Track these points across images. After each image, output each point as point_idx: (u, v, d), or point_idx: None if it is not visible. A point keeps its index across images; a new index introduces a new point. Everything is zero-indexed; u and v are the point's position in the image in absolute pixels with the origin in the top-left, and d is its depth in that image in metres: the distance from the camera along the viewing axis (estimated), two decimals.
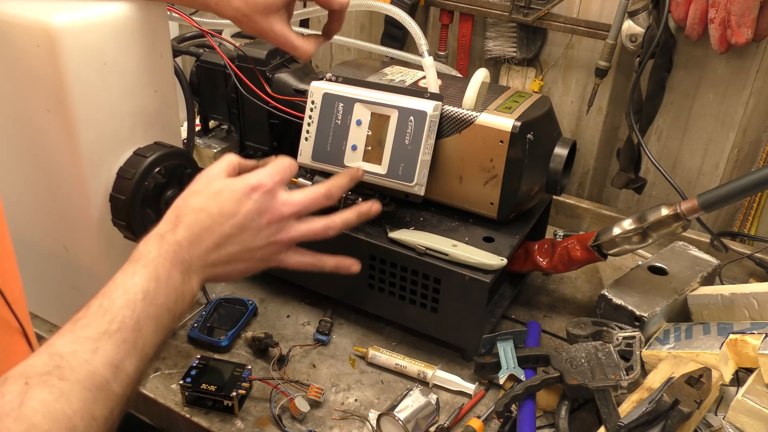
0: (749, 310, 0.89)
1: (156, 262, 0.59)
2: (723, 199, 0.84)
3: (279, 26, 0.81)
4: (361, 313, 1.03)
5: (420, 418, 0.83)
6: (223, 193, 0.65)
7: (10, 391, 0.46)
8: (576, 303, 1.09)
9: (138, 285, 0.56)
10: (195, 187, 0.67)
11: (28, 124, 0.81)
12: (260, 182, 0.66)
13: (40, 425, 0.45)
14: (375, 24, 1.40)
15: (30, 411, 0.45)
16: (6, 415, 0.44)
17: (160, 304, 0.57)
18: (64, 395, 0.47)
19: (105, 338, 0.52)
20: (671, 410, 0.71)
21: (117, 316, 0.54)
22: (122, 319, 0.54)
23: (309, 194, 0.70)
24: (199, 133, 1.20)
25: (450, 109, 0.91)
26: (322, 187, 0.72)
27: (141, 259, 0.59)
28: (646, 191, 1.24)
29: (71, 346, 0.51)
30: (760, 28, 1.00)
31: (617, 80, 1.23)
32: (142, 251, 0.60)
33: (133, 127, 0.85)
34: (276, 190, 0.67)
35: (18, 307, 0.62)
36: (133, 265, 0.58)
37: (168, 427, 0.92)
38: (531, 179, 0.93)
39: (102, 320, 0.53)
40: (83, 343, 0.51)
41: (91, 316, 0.53)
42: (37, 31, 0.72)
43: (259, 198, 0.66)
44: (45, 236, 0.90)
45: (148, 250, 0.60)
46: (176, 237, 0.62)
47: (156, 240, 0.61)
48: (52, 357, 0.49)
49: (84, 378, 0.49)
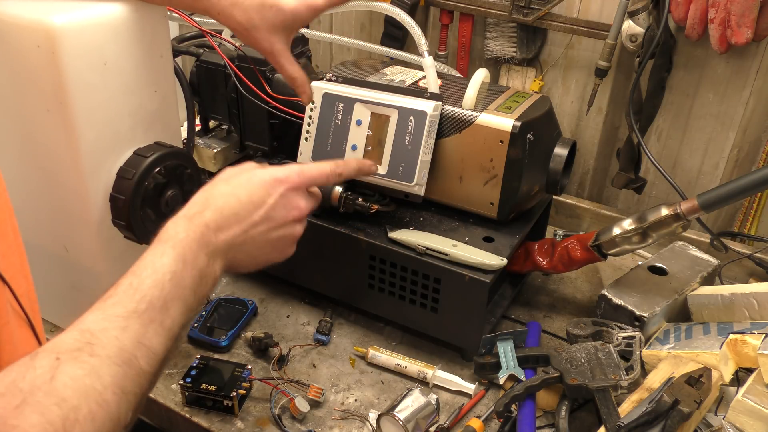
0: (749, 310, 0.89)
1: (183, 243, 0.60)
2: (723, 199, 0.84)
3: (279, 45, 0.83)
4: (361, 313, 1.03)
5: (420, 418, 0.83)
6: (252, 182, 0.67)
7: (42, 366, 0.46)
8: (576, 303, 1.09)
9: (166, 266, 0.57)
10: (224, 175, 0.68)
11: (28, 124, 0.81)
12: (288, 177, 0.68)
13: (70, 399, 0.45)
14: (375, 24, 1.40)
15: (60, 385, 0.46)
16: (37, 389, 0.45)
17: (186, 285, 0.58)
18: (95, 370, 0.48)
19: (134, 317, 0.53)
20: (671, 410, 0.71)
21: (146, 296, 0.55)
22: (150, 299, 0.55)
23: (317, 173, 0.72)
24: (199, 133, 1.20)
25: (450, 109, 0.91)
26: (328, 166, 0.74)
27: (169, 240, 0.59)
28: (646, 191, 1.24)
29: (102, 324, 0.52)
30: (760, 28, 1.00)
31: (617, 80, 1.23)
32: (171, 232, 0.60)
33: (133, 127, 0.85)
34: (301, 187, 0.69)
35: (26, 300, 0.62)
36: (162, 246, 0.59)
37: (168, 427, 0.92)
38: (531, 179, 0.93)
39: (131, 299, 0.54)
40: (113, 321, 0.52)
41: (121, 294, 0.54)
42: (38, 32, 0.72)
43: (286, 192, 0.68)
44: (45, 236, 0.90)
45: (176, 231, 0.60)
46: (204, 219, 0.63)
47: (184, 221, 0.62)
48: (83, 333, 0.50)
49: (114, 354, 0.50)
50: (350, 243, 0.94)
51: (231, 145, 1.18)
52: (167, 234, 0.60)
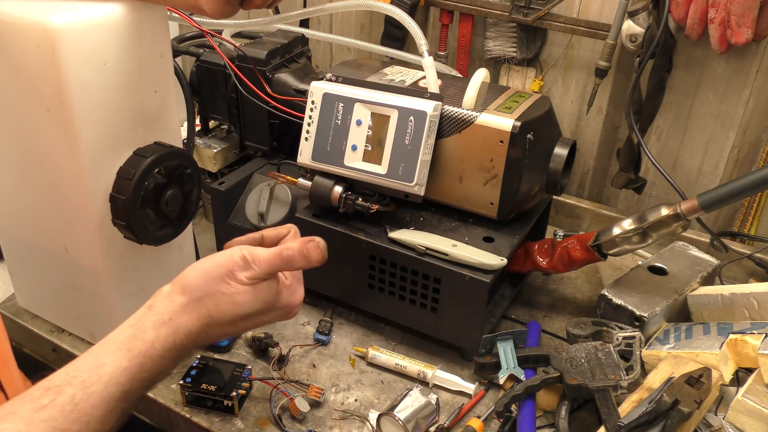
0: (749, 310, 0.89)
1: (152, 355, 0.59)
2: (723, 199, 0.84)
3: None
4: (361, 313, 1.03)
5: (420, 418, 0.83)
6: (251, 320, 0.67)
7: None
8: (576, 303, 1.09)
9: (122, 384, 0.56)
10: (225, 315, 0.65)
11: (28, 124, 0.81)
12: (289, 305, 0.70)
13: None
14: (375, 24, 1.40)
15: None
16: None
17: (136, 395, 0.58)
18: None
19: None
20: (671, 410, 0.71)
21: (84, 416, 0.53)
22: (89, 420, 0.53)
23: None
24: (199, 133, 1.20)
25: (450, 109, 0.91)
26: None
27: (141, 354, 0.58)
28: (646, 191, 1.24)
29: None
30: (760, 28, 1.00)
31: (617, 80, 1.23)
32: (149, 337, 0.59)
33: (133, 127, 0.85)
34: (294, 309, 0.72)
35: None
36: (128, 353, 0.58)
37: (168, 427, 0.92)
38: (531, 179, 0.93)
39: (66, 418, 0.52)
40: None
41: (57, 408, 0.52)
42: (37, 32, 0.72)
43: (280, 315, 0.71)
44: (45, 236, 0.90)
45: (156, 337, 0.60)
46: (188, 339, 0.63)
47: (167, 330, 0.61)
48: None
49: None
50: (350, 243, 0.94)
51: (231, 145, 1.19)
52: (144, 337, 0.59)
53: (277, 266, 0.67)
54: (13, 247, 0.99)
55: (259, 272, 0.65)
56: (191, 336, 0.62)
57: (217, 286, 0.63)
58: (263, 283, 0.66)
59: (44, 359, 1.03)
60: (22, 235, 0.94)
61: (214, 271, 0.64)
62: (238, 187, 1.08)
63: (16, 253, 0.99)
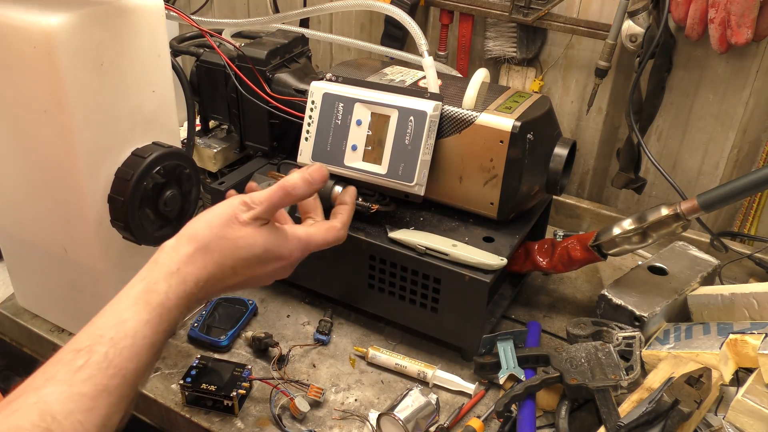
0: (749, 310, 0.89)
1: (170, 307, 0.59)
2: (723, 199, 0.84)
3: None
4: (361, 313, 1.03)
5: (420, 418, 0.83)
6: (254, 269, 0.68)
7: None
8: (576, 303, 1.09)
9: (147, 337, 0.56)
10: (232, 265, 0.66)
11: (25, 125, 0.81)
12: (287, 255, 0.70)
13: None
14: (375, 24, 1.40)
15: None
16: None
17: (159, 347, 0.58)
18: None
19: (104, 396, 0.51)
20: (671, 410, 0.71)
21: (120, 371, 0.53)
22: (125, 373, 0.53)
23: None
24: (199, 133, 1.20)
25: (450, 109, 0.91)
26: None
27: (158, 307, 0.58)
28: (646, 191, 1.24)
29: (66, 404, 0.49)
30: (760, 28, 1.00)
31: (617, 80, 1.23)
32: (161, 288, 0.60)
33: (131, 128, 0.85)
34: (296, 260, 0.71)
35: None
36: (146, 306, 0.58)
37: (168, 427, 0.92)
38: (531, 179, 0.93)
39: (104, 374, 0.52)
40: (79, 401, 0.50)
41: (94, 367, 0.52)
42: (34, 32, 0.72)
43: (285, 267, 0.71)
44: (44, 237, 0.90)
45: (168, 287, 0.60)
46: (199, 281, 0.63)
47: (177, 281, 0.61)
48: (44, 417, 0.48)
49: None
50: (350, 243, 0.94)
51: (231, 145, 1.19)
52: (157, 290, 0.59)
53: (278, 198, 0.66)
54: (12, 248, 0.99)
55: (260, 210, 0.65)
56: (200, 284, 0.62)
57: (221, 231, 0.64)
58: (265, 226, 0.66)
59: (44, 359, 1.03)
60: (22, 235, 0.94)
61: (217, 219, 0.64)
62: (238, 187, 1.07)
63: (16, 253, 0.99)
